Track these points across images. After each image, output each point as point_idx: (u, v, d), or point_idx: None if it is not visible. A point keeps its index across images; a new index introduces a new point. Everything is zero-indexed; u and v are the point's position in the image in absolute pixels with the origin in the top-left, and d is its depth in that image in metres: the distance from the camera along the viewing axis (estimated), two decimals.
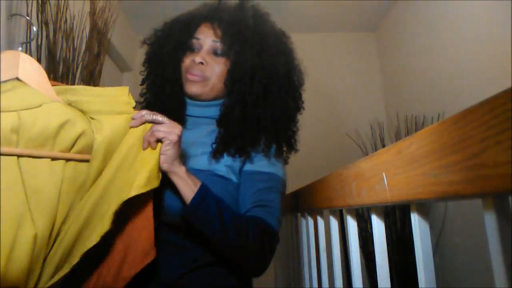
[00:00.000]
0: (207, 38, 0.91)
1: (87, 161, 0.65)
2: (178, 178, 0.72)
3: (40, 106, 0.62)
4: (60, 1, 1.44)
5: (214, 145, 0.86)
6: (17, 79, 0.64)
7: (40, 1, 1.35)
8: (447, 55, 2.01)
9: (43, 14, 1.35)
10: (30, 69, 0.66)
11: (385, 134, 2.66)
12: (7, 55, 0.64)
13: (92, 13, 1.59)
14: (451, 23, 1.97)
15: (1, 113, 0.58)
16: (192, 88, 0.89)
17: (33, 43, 1.33)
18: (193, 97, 0.91)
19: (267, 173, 0.84)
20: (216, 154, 0.84)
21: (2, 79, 0.62)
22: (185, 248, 0.78)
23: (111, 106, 0.70)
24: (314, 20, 2.79)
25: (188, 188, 0.72)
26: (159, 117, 0.71)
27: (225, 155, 0.84)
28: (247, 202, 0.80)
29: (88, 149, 0.65)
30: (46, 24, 1.36)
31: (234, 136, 0.85)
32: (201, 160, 0.84)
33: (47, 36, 1.35)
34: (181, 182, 0.72)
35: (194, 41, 0.92)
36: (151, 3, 2.40)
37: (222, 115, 0.89)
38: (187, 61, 0.91)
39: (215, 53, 0.90)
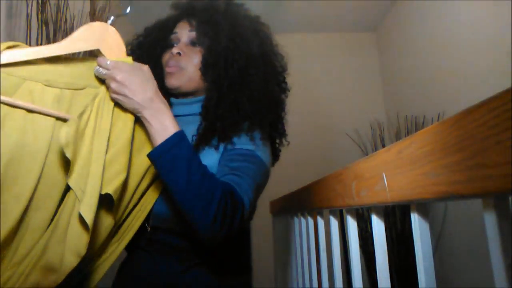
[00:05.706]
0: (183, 30, 0.91)
1: None
2: (145, 122, 0.71)
3: (83, 89, 0.69)
4: (60, 1, 1.44)
5: (194, 137, 0.82)
6: (98, 50, 0.71)
7: (40, 1, 1.35)
8: (447, 55, 2.01)
9: (43, 14, 1.35)
10: (112, 43, 0.72)
11: (385, 134, 2.66)
12: (96, 26, 0.71)
13: (92, 13, 1.59)
14: (451, 23, 1.97)
15: (46, 87, 0.65)
16: (171, 80, 0.87)
17: (33, 43, 1.33)
18: (173, 90, 0.89)
19: (246, 149, 0.79)
20: (198, 147, 0.79)
21: (86, 48, 0.70)
22: (181, 248, 0.78)
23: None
24: (314, 20, 2.79)
25: (156, 133, 0.69)
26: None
27: (211, 150, 0.80)
28: (220, 173, 0.75)
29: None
30: (46, 24, 1.36)
31: (215, 124, 0.81)
32: None
33: (47, 36, 1.35)
34: (148, 127, 0.70)
35: (173, 36, 0.92)
36: (151, 3, 2.40)
37: (203, 107, 0.86)
38: (165, 55, 0.91)
39: (192, 43, 0.90)
